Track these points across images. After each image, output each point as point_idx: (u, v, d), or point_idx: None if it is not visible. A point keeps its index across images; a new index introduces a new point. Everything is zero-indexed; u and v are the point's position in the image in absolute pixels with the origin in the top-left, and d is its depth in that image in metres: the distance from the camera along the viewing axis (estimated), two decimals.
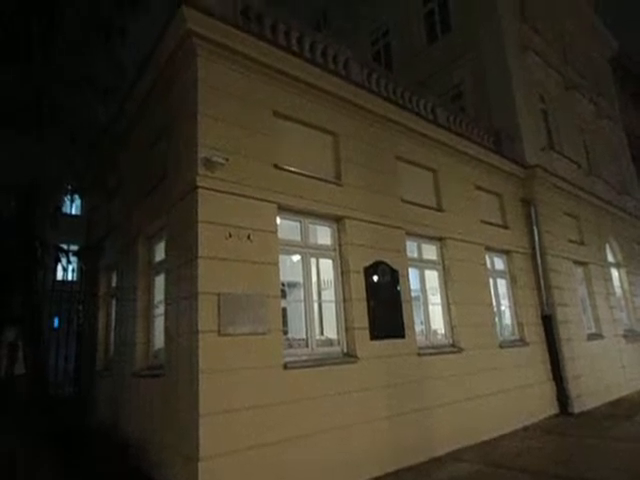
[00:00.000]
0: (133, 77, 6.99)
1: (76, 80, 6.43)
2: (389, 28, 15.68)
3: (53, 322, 9.54)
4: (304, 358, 5.82)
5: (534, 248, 10.69)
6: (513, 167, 10.72)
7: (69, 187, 7.81)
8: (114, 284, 8.91)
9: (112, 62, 7.19)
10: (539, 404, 9.40)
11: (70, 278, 10.10)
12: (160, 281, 6.60)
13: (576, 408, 9.85)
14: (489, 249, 9.62)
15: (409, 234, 7.77)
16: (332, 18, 18.23)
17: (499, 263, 10.17)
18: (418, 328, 7.64)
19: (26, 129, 5.90)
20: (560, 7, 16.21)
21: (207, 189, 5.20)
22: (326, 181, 6.63)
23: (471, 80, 12.57)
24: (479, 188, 9.83)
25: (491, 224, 9.86)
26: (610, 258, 14.80)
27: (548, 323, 10.32)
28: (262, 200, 5.67)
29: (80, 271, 9.70)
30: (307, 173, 6.37)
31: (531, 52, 12.70)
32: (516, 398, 8.72)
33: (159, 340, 6.42)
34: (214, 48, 5.58)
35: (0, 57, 5.97)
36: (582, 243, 12.77)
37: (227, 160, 5.31)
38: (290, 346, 5.93)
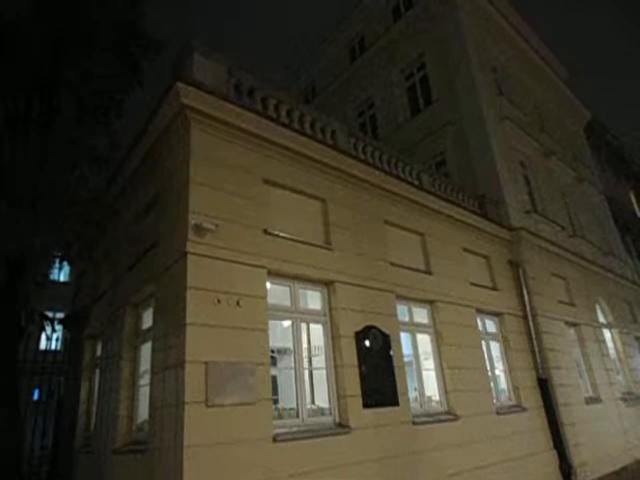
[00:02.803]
0: (127, 147, 7.21)
1: (71, 153, 6.61)
2: (374, 101, 16.55)
3: (32, 394, 9.13)
4: (295, 429, 5.58)
5: (525, 310, 10.69)
6: (498, 230, 10.95)
7: (58, 255, 7.78)
8: (99, 353, 8.66)
9: (108, 134, 7.43)
10: (542, 476, 8.97)
11: (54, 347, 9.81)
12: (146, 349, 6.43)
13: (580, 479, 9.41)
14: (480, 311, 9.60)
15: (399, 297, 7.76)
16: (320, 92, 19.26)
17: (491, 326, 10.10)
18: (412, 395, 7.44)
19: (17, 201, 5.97)
20: (533, 81, 17.38)
21: (197, 255, 5.22)
22: (316, 246, 6.70)
23: (454, 148, 13.14)
24: (467, 250, 9.98)
25: (481, 286, 9.90)
26: (601, 319, 14.78)
27: (544, 387, 10.10)
28: (252, 265, 5.69)
29: (64, 340, 9.44)
30: (297, 238, 6.45)
31: (509, 122, 13.41)
32: (517, 469, 8.33)
33: (143, 412, 6.15)
34: (207, 120, 5.83)
35: None
36: (572, 304, 12.80)
37: (217, 226, 5.38)
38: (280, 416, 5.71)
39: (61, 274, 23.88)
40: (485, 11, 15.09)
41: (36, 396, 9.30)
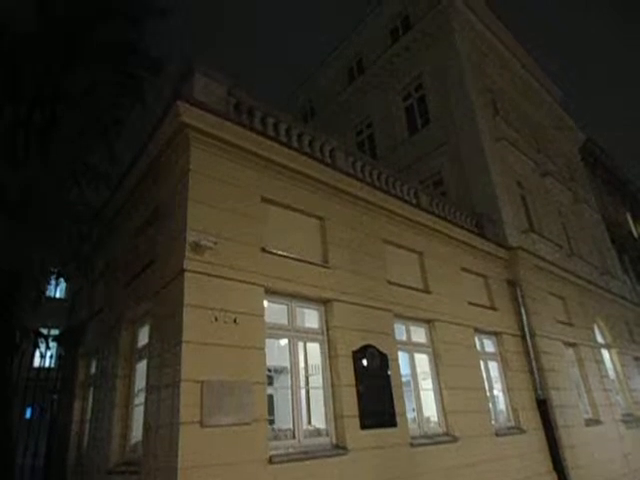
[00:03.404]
0: (126, 164, 7.25)
1: (70, 169, 6.65)
2: (372, 121, 16.74)
3: (25, 413, 8.98)
4: (291, 451, 5.50)
5: (523, 329, 10.64)
6: (496, 249, 10.97)
7: (54, 271, 7.75)
8: (93, 371, 8.55)
9: (107, 151, 7.47)
10: None
11: (48, 365, 9.68)
12: (142, 368, 6.36)
13: None
14: (478, 331, 9.55)
15: (397, 316, 7.73)
16: (319, 111, 19.48)
17: (489, 345, 10.04)
18: (410, 415, 7.34)
19: (14, 216, 5.97)
20: (528, 102, 17.64)
21: (194, 272, 5.20)
22: (313, 264, 6.69)
23: (451, 167, 13.25)
24: (464, 270, 9.97)
25: (479, 306, 9.87)
26: (599, 339, 14.73)
27: (543, 408, 9.99)
28: (249, 283, 5.67)
29: (58, 357, 9.33)
30: (294, 256, 6.44)
31: (505, 142, 13.56)
32: None
33: (137, 432, 6.05)
34: (206, 139, 5.87)
35: None
36: (570, 324, 12.76)
37: (215, 244, 5.38)
38: (276, 437, 5.62)
39: (57, 290, 23.74)
40: (481, 34, 15.39)
41: (28, 414, 9.14)
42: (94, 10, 6.44)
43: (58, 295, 24.09)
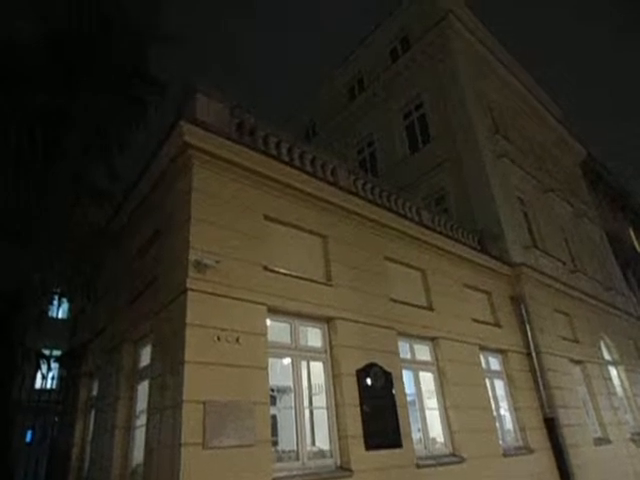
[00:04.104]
0: (128, 183, 7.30)
1: (73, 188, 6.68)
2: (373, 139, 16.87)
3: (25, 436, 8.88)
4: (294, 473, 5.40)
5: (529, 347, 10.52)
6: (499, 265, 10.93)
7: (56, 291, 7.73)
8: (95, 392, 8.47)
9: (109, 171, 7.52)
10: None
11: (49, 386, 9.60)
12: (143, 388, 6.29)
13: None
14: (483, 348, 9.44)
15: (401, 334, 7.66)
16: (321, 129, 19.67)
17: (495, 363, 9.92)
18: (415, 436, 7.21)
19: (16, 235, 5.98)
20: (528, 119, 17.79)
21: (197, 291, 5.19)
22: (316, 282, 6.67)
23: (452, 185, 13.29)
24: (468, 286, 9.92)
25: (483, 323, 9.79)
26: (606, 355, 14.54)
27: (551, 427, 9.82)
28: (252, 302, 5.64)
29: (60, 379, 9.25)
30: (297, 274, 6.43)
31: (506, 159, 13.62)
32: None
33: (139, 454, 5.95)
34: (209, 158, 5.92)
35: None
36: (576, 340, 12.62)
37: (217, 262, 5.37)
38: (279, 459, 5.53)
39: (59, 310, 23.66)
40: (480, 54, 15.61)
41: (29, 438, 9.02)
42: (99, 31, 6.54)
43: (60, 315, 23.99)
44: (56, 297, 7.97)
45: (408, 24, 16.34)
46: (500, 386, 9.77)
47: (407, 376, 7.57)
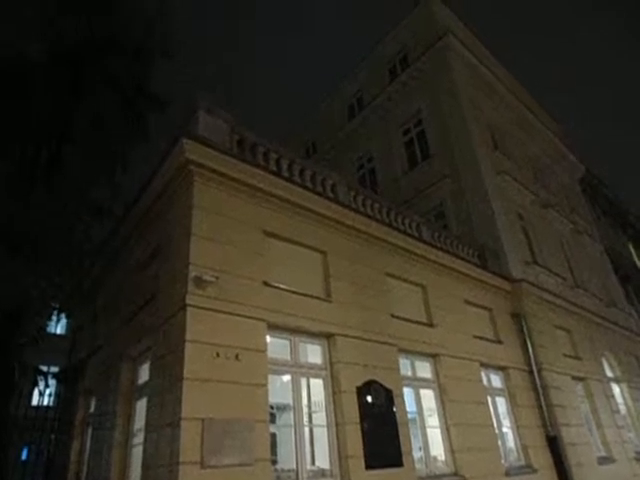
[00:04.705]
0: (129, 199, 7.32)
1: (75, 204, 6.72)
2: (373, 155, 16.99)
3: (21, 454, 8.75)
4: None
5: (530, 364, 10.44)
6: (499, 281, 10.90)
7: (55, 307, 7.71)
8: (92, 409, 8.38)
9: (111, 186, 7.57)
10: None
11: (46, 403, 9.50)
12: (141, 406, 6.23)
13: None
14: (484, 365, 9.36)
15: (401, 351, 7.60)
16: (321, 146, 19.82)
17: (496, 380, 9.83)
18: (416, 454, 7.11)
19: (16, 251, 5.99)
20: (527, 136, 17.92)
21: (196, 307, 5.17)
22: (316, 298, 6.65)
23: (452, 201, 13.33)
24: (468, 302, 9.88)
25: (484, 339, 9.72)
26: (609, 373, 14.41)
27: (554, 445, 9.68)
28: (251, 318, 5.62)
29: (57, 396, 9.16)
30: (297, 290, 6.41)
31: (505, 175, 13.69)
32: None
33: (136, 473, 5.87)
34: (210, 174, 5.95)
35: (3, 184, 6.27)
36: (577, 357, 12.52)
37: (217, 278, 5.36)
38: (279, 478, 5.44)
39: (58, 327, 23.53)
40: (478, 71, 15.80)
41: (25, 455, 8.88)
42: (103, 44, 6.65)
43: (59, 331, 23.85)
44: (55, 312, 7.95)
45: (407, 43, 16.58)
46: (502, 403, 9.66)
47: (408, 393, 7.50)
